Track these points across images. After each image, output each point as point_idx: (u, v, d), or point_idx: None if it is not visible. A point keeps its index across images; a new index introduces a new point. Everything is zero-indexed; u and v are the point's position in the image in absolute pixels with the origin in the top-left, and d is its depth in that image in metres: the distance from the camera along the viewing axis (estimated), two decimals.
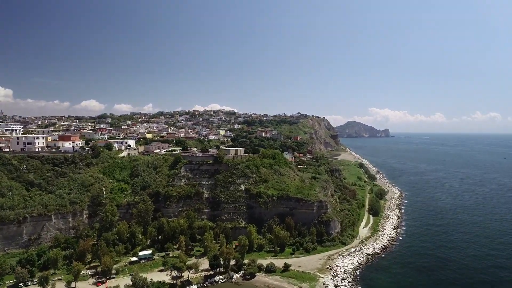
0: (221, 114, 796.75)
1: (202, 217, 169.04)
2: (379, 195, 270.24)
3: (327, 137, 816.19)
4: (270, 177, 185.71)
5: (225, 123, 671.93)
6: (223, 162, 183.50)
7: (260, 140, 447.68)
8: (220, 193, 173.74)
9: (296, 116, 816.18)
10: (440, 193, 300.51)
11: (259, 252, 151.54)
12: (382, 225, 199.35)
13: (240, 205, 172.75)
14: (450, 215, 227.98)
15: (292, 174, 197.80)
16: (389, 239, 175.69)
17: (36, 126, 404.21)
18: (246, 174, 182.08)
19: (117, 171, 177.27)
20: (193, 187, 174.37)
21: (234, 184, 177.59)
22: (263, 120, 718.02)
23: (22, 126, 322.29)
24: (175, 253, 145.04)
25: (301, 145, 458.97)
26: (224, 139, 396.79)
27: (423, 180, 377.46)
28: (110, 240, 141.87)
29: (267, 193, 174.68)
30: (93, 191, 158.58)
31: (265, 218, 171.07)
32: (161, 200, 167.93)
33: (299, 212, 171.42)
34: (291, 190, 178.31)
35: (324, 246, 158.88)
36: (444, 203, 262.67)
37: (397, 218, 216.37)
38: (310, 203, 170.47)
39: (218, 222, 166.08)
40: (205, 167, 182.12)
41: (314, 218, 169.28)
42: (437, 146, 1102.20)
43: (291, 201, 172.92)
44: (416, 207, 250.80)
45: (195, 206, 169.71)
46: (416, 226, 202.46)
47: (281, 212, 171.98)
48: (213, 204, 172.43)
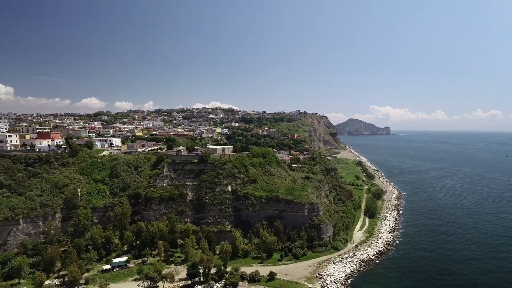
0: (219, 111, 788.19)
1: (186, 220, 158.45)
2: (376, 195, 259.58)
3: (326, 135, 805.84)
4: (259, 177, 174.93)
5: (223, 120, 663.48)
6: (209, 162, 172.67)
7: (257, 138, 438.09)
8: (205, 194, 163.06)
9: (295, 114, 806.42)
10: (439, 193, 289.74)
11: (244, 259, 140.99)
12: (378, 227, 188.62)
13: (226, 208, 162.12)
14: (450, 215, 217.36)
15: (283, 174, 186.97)
16: (385, 243, 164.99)
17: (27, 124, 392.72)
18: (233, 174, 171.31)
19: (96, 171, 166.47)
20: (176, 188, 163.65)
21: (220, 185, 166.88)
22: (262, 118, 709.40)
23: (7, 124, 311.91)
24: (153, 259, 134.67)
25: (298, 143, 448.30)
26: (218, 136, 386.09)
27: (423, 179, 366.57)
28: (82, 246, 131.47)
29: (255, 194, 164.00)
30: (68, 193, 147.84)
31: (252, 221, 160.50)
32: (141, 202, 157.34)
33: (289, 215, 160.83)
34: (281, 191, 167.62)
35: (315, 251, 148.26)
36: (443, 203, 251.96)
37: (394, 220, 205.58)
38: (300, 206, 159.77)
39: (202, 225, 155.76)
40: (189, 167, 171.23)
41: (305, 221, 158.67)
42: (438, 144, 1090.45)
43: (281, 203, 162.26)
44: (415, 207, 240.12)
45: (178, 209, 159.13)
46: (414, 228, 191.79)
47: (270, 215, 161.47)
48: (197, 206, 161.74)
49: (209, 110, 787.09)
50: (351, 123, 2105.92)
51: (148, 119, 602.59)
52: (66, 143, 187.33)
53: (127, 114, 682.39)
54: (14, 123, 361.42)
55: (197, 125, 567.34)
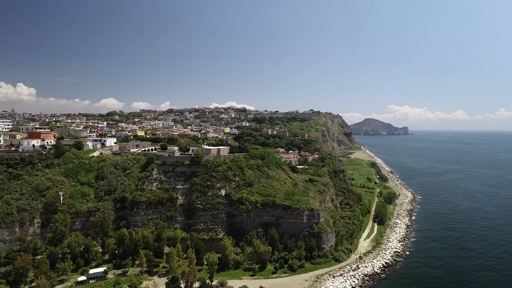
0: (231, 111, 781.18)
1: (175, 226, 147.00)
2: (387, 199, 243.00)
3: (340, 135, 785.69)
4: (255, 180, 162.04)
5: (234, 120, 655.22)
6: (202, 163, 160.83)
7: (266, 138, 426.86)
8: (196, 198, 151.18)
9: (308, 113, 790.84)
10: (457, 197, 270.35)
11: (235, 270, 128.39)
12: (387, 236, 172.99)
13: (219, 213, 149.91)
14: (467, 222, 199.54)
15: (283, 177, 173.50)
16: (393, 254, 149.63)
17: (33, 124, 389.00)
18: (227, 177, 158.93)
19: (82, 173, 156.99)
20: (166, 192, 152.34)
21: (213, 188, 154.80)
22: (274, 117, 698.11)
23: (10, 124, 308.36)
24: (135, 270, 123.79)
25: (309, 143, 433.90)
26: (224, 136, 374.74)
27: (440, 181, 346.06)
28: (58, 255, 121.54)
29: (250, 199, 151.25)
30: (48, 196, 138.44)
31: (247, 228, 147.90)
32: (128, 206, 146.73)
33: (286, 222, 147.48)
34: (279, 196, 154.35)
35: (314, 263, 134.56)
36: (461, 208, 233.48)
37: (406, 227, 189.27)
38: (299, 212, 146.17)
39: (192, 232, 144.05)
40: (180, 169, 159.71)
41: (304, 229, 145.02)
42: (457, 144, 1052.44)
43: (278, 209, 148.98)
44: (429, 213, 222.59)
45: (167, 214, 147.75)
46: (427, 237, 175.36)
47: (266, 222, 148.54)
48: (188, 211, 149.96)
49: (221, 110, 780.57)
50: (368, 123, 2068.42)
51: (160, 118, 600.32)
52: (57, 143, 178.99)
53: (139, 114, 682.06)
54: (27, 123, 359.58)
55: (208, 124, 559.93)
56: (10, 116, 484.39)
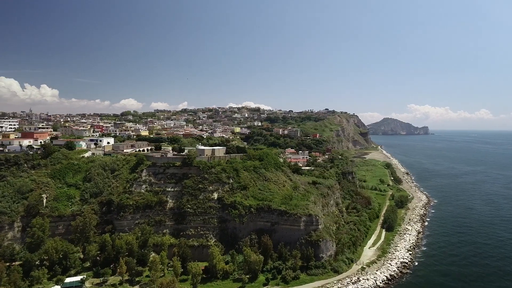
0: (245, 111, 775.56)
1: (164, 231, 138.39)
2: (399, 203, 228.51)
3: (356, 135, 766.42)
4: (251, 183, 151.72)
5: (247, 120, 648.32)
6: (194, 165, 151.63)
7: (276, 138, 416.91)
8: (187, 202, 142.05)
9: (322, 113, 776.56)
10: (476, 201, 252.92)
11: (223, 281, 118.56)
12: (395, 243, 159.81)
13: (211, 218, 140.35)
14: (485, 229, 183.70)
15: (282, 179, 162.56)
16: (400, 265, 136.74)
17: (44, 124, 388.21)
18: (220, 179, 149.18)
19: (70, 174, 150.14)
20: (155, 195, 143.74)
21: (205, 191, 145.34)
22: (287, 117, 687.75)
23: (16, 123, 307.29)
24: (115, 279, 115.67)
25: (320, 143, 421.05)
26: (231, 136, 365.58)
27: (458, 183, 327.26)
28: (34, 262, 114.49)
29: (243, 203, 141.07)
30: (31, 199, 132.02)
31: (240, 234, 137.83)
32: (114, 210, 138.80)
33: (282, 228, 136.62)
34: (276, 200, 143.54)
35: (310, 274, 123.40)
36: (479, 214, 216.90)
37: (416, 234, 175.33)
38: (296, 218, 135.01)
39: (181, 238, 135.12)
40: (171, 170, 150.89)
41: (301, 236, 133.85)
42: (480, 144, 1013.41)
43: (273, 214, 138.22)
44: (444, 218, 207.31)
45: (155, 218, 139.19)
46: (440, 245, 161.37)
47: (260, 228, 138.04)
48: (177, 216, 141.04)
49: (235, 110, 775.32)
50: (386, 122, 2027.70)
51: (172, 118, 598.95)
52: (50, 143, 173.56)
53: (153, 114, 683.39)
54: (40, 123, 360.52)
55: (219, 124, 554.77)
56: (28, 116, 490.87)
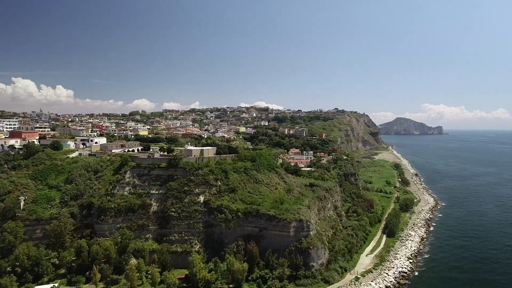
0: (253, 111, 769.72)
1: (147, 236, 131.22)
2: (403, 206, 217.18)
3: (366, 135, 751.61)
4: (240, 185, 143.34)
5: (255, 119, 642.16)
6: (180, 166, 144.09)
7: (281, 138, 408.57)
8: (171, 205, 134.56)
9: (332, 112, 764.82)
10: (487, 205, 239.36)
11: None
12: (396, 251, 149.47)
13: (196, 222, 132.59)
14: (496, 238, 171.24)
15: (275, 181, 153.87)
16: (398, 275, 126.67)
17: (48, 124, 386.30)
18: (208, 181, 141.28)
19: (53, 175, 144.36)
20: (138, 198, 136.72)
21: (190, 194, 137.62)
22: (295, 117, 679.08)
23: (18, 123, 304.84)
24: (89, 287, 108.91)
25: (326, 143, 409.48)
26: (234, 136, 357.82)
27: (469, 185, 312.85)
28: (3, 269, 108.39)
29: (230, 207, 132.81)
30: (8, 201, 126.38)
31: (226, 240, 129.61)
32: (94, 213, 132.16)
33: (271, 234, 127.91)
34: (265, 204, 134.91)
35: (298, 284, 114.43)
36: (489, 218, 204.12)
37: (420, 240, 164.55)
38: (285, 223, 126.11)
39: (164, 244, 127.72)
40: (156, 172, 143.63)
41: (290, 243, 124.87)
42: (496, 145, 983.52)
43: (262, 219, 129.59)
44: (451, 223, 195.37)
45: (138, 222, 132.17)
46: (444, 253, 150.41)
47: (248, 233, 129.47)
48: (161, 220, 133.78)
49: (243, 109, 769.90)
50: (399, 122, 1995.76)
51: (180, 118, 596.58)
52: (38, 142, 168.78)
53: (160, 113, 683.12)
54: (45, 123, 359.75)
55: (226, 124, 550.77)
56: (37, 116, 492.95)
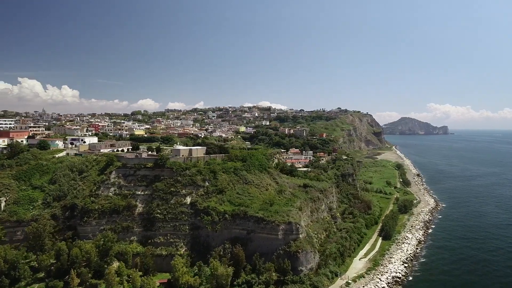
0: (255, 110, 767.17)
1: (132, 238, 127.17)
2: (402, 207, 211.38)
3: (369, 134, 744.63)
4: (229, 186, 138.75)
5: (257, 119, 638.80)
6: (167, 166, 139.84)
7: (281, 138, 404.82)
8: (157, 207, 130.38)
9: (334, 112, 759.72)
10: (489, 206, 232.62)
11: None
12: (391, 254, 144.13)
13: (182, 225, 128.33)
14: (496, 241, 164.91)
15: (266, 182, 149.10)
16: (391, 280, 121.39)
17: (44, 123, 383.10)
18: (195, 182, 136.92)
19: (37, 176, 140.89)
20: (123, 199, 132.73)
21: (177, 195, 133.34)
22: (297, 116, 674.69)
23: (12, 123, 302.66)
24: None
25: (327, 143, 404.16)
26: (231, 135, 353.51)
27: (472, 186, 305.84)
28: None
29: (217, 209, 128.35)
30: None
31: (213, 243, 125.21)
32: (77, 215, 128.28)
33: (259, 237, 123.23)
34: (254, 206, 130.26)
35: None
36: (491, 221, 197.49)
37: (417, 243, 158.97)
38: (273, 226, 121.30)
39: (148, 246, 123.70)
40: (142, 172, 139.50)
41: (279, 246, 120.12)
42: (502, 145, 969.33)
43: (250, 222, 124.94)
44: (451, 226, 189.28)
45: (123, 224, 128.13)
46: (442, 256, 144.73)
47: (236, 236, 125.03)
48: (147, 221, 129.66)
49: (245, 109, 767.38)
50: (404, 122, 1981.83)
51: (181, 118, 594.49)
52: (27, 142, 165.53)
53: (162, 113, 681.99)
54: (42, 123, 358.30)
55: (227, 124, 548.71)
56: (40, 116, 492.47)
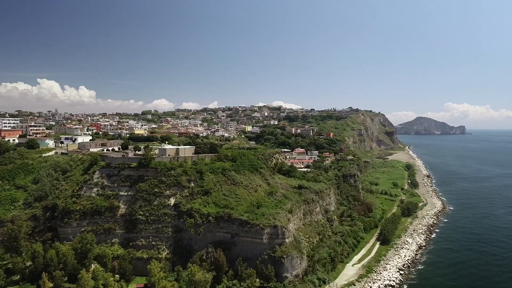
0: (265, 110, 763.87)
1: (113, 240, 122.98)
2: (405, 210, 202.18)
3: (381, 134, 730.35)
4: (216, 187, 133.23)
5: (266, 118, 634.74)
6: (151, 166, 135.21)
7: (287, 137, 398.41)
8: (139, 208, 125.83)
9: (345, 111, 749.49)
10: (499, 210, 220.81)
11: None
12: (387, 260, 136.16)
13: (165, 227, 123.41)
14: (503, 249, 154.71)
15: (256, 183, 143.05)
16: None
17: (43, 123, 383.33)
18: (180, 182, 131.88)
19: (22, 175, 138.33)
20: (106, 199, 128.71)
21: (160, 196, 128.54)
22: (307, 116, 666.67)
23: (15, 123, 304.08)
24: None
25: (334, 143, 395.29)
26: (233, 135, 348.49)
27: (483, 188, 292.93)
28: None
29: (201, 211, 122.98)
30: None
31: (196, 247, 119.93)
32: (58, 216, 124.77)
33: (243, 241, 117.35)
34: (240, 208, 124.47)
35: None
36: (500, 224, 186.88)
37: (417, 248, 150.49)
38: (258, 229, 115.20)
39: (130, 249, 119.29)
40: (126, 172, 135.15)
41: (264, 251, 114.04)
42: None
43: (234, 225, 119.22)
44: (457, 230, 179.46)
45: (104, 226, 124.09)
46: (442, 264, 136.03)
47: (220, 240, 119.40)
48: (129, 223, 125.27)
49: (255, 109, 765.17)
50: (419, 121, 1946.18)
51: (191, 117, 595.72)
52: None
53: (172, 113, 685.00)
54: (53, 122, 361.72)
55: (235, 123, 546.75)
56: (52, 116, 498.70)
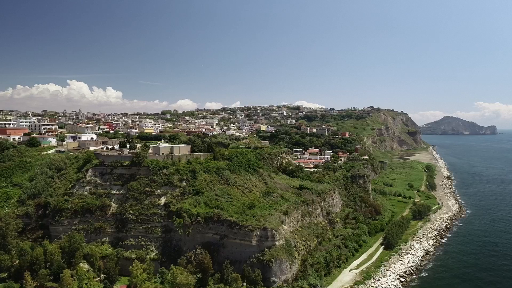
0: (284, 109, 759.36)
1: (104, 240, 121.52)
2: (417, 213, 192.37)
3: (403, 134, 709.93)
4: (208, 187, 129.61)
5: (284, 118, 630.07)
6: (144, 165, 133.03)
7: (301, 137, 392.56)
8: (130, 207, 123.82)
9: (366, 110, 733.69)
10: None
11: None
12: (388, 266, 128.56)
13: (154, 227, 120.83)
14: None
15: (252, 183, 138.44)
16: None
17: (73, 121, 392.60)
18: (171, 181, 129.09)
19: (19, 173, 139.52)
20: (98, 198, 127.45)
21: (151, 195, 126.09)
22: (326, 115, 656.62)
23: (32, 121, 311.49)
24: None
25: (349, 142, 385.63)
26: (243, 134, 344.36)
27: (505, 191, 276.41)
28: None
29: (190, 211, 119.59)
30: None
31: (184, 248, 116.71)
32: (50, 214, 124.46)
33: (231, 243, 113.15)
34: (231, 208, 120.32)
35: None
36: None
37: (423, 254, 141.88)
38: (247, 231, 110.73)
39: (118, 249, 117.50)
40: (119, 171, 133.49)
41: (252, 254, 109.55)
42: None
43: (223, 226, 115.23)
44: (471, 235, 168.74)
45: (95, 224, 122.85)
46: (449, 273, 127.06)
47: (209, 241, 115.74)
48: (119, 222, 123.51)
49: (274, 108, 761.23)
50: (447, 121, 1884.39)
51: (209, 117, 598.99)
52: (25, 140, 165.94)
53: (191, 112, 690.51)
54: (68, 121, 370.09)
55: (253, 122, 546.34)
56: (76, 115, 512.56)
